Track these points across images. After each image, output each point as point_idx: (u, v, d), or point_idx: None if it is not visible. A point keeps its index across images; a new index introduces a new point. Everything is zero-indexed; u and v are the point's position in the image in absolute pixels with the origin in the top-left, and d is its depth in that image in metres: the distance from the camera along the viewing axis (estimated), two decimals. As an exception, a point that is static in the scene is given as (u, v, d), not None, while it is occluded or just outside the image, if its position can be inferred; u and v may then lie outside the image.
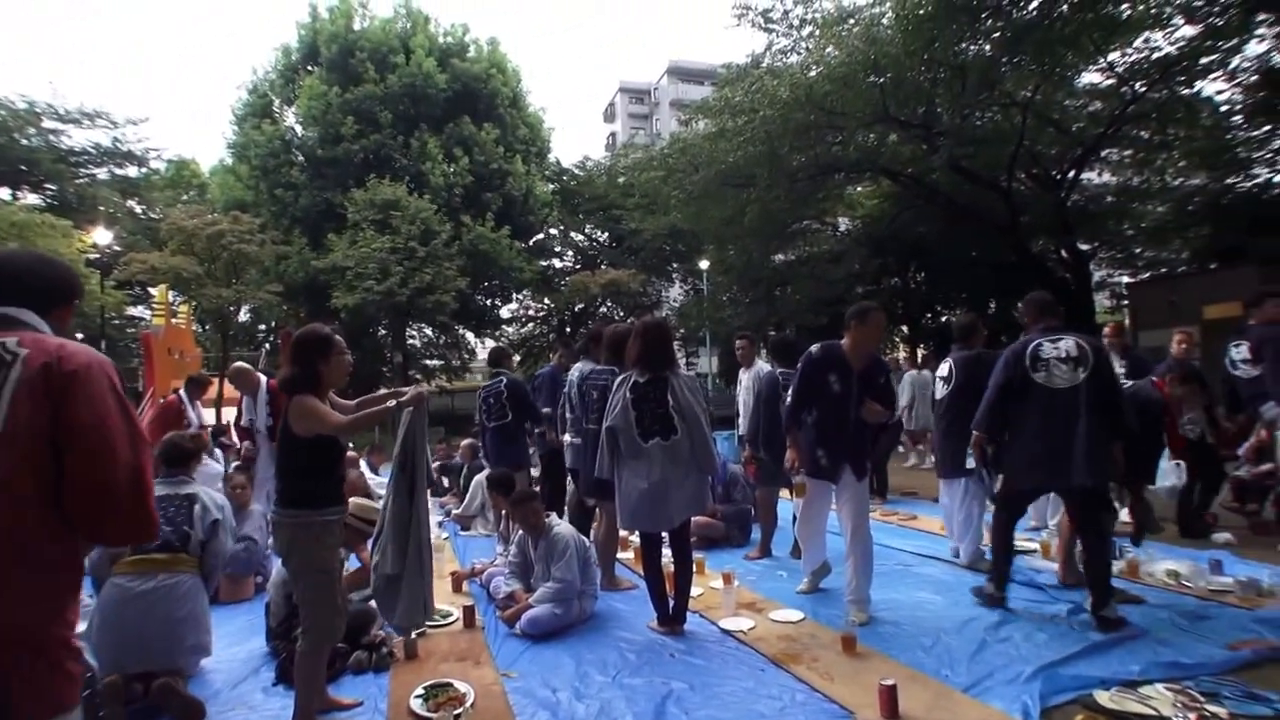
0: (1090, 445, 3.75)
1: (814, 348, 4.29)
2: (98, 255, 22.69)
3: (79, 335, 20.81)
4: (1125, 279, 21.58)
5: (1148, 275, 19.15)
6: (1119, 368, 5.83)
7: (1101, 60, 14.09)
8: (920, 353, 18.83)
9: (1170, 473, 5.31)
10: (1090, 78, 15.56)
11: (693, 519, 4.47)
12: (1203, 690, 2.98)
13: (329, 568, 3.00)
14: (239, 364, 5.76)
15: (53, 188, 26.51)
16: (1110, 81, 14.91)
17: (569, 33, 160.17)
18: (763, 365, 6.78)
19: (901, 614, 4.23)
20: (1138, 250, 19.27)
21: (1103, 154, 16.96)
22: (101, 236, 21.95)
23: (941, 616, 4.15)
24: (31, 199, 25.86)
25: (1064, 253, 17.49)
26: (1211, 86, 14.58)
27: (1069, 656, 3.42)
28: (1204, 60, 13.18)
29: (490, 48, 29.35)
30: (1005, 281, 20.30)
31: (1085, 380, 3.82)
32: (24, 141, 24.94)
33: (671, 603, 4.10)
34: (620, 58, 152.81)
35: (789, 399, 4.41)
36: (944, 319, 24.39)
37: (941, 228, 18.86)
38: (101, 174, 28.36)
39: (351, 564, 4.42)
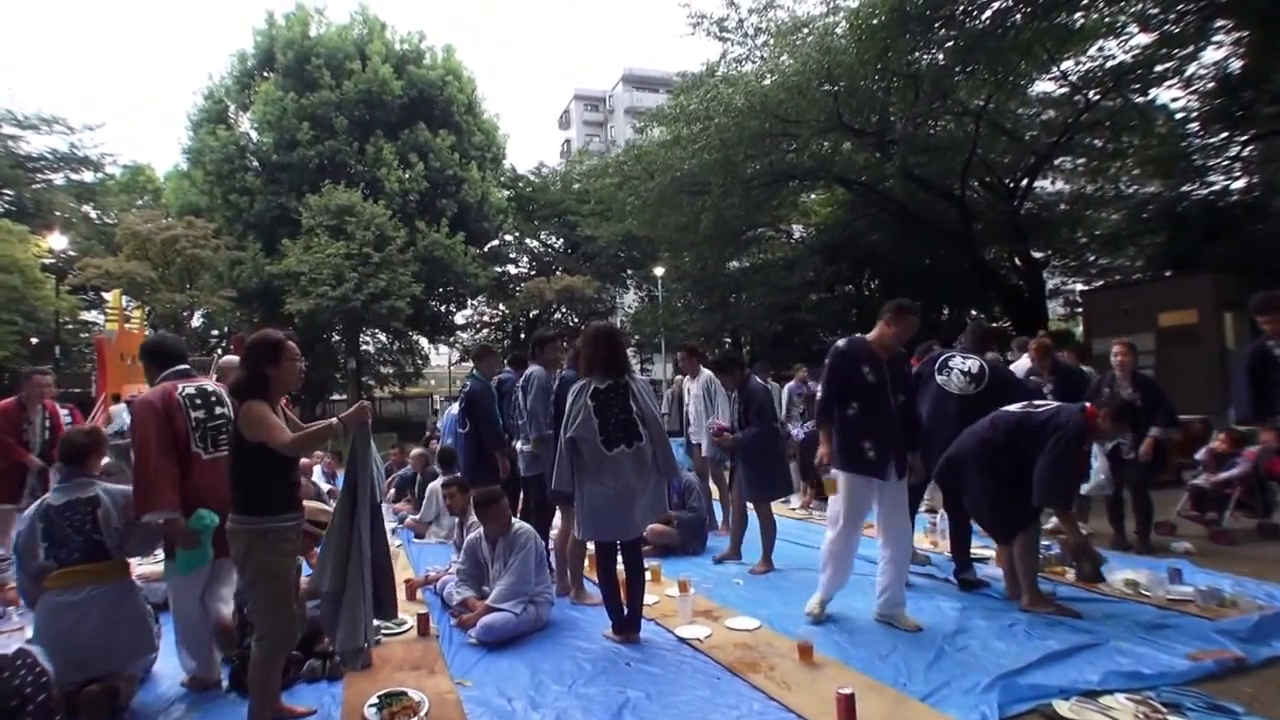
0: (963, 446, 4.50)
1: (840, 343, 4.23)
2: (53, 260, 22.49)
3: (33, 340, 20.34)
4: (1079, 286, 22.01)
5: (1101, 283, 19.59)
6: (1047, 387, 5.93)
7: (1055, 69, 14.30)
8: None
9: (1100, 472, 5.34)
10: (1043, 86, 15.81)
11: (648, 527, 4.44)
12: (1165, 701, 2.97)
13: (284, 574, 2.94)
14: (228, 358, 5.44)
15: (10, 193, 26.55)
16: (1063, 90, 15.15)
17: (524, 40, 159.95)
18: (708, 374, 6.82)
19: (859, 623, 4.21)
20: (1091, 258, 19.61)
21: (1056, 162, 17.21)
22: (57, 241, 21.96)
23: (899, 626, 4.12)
24: None
25: (1017, 260, 17.81)
26: (1167, 94, 14.75)
27: (1027, 666, 3.40)
28: (1159, 68, 13.28)
29: (446, 55, 29.33)
30: (958, 288, 20.67)
31: (975, 394, 4.81)
32: None
33: (625, 610, 4.04)
34: (575, 65, 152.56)
35: (821, 393, 4.27)
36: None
37: (895, 235, 19.10)
38: (58, 179, 28.37)
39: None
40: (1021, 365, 6.75)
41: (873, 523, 4.41)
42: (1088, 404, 4.24)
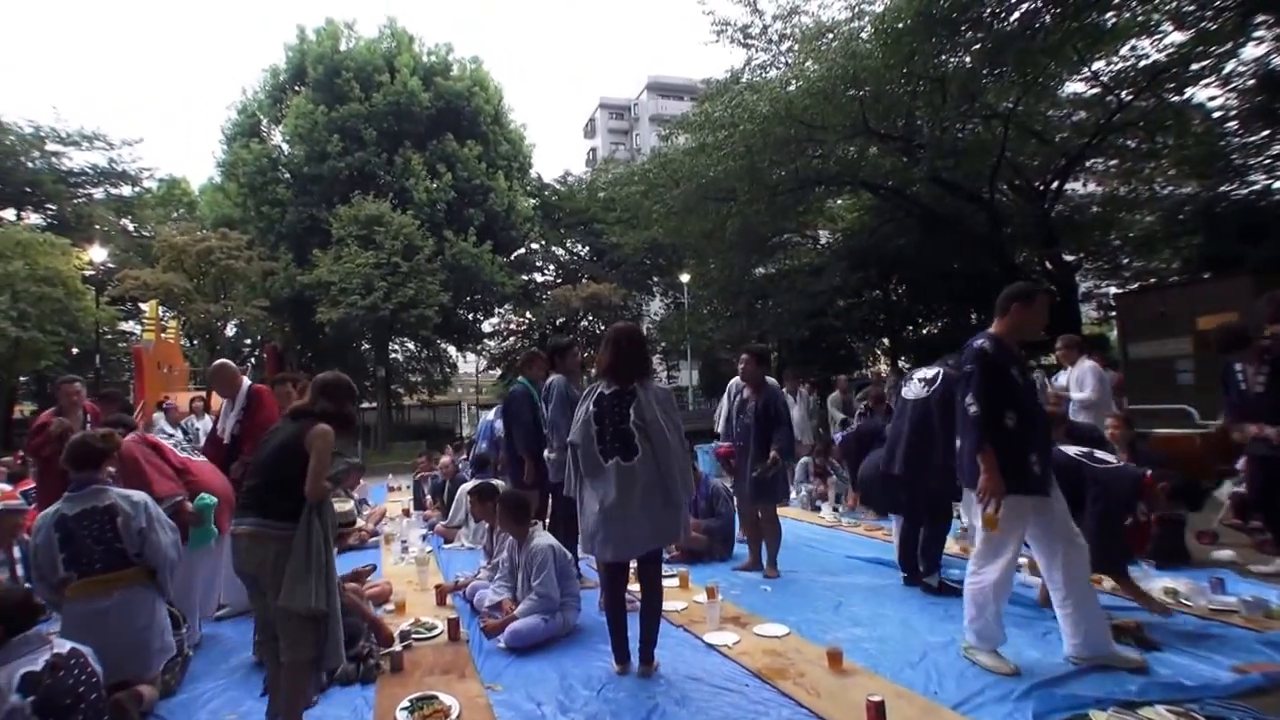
0: (906, 446, 4.68)
1: (982, 343, 3.50)
2: (93, 272, 23.18)
3: (74, 350, 20.88)
4: (1113, 289, 21.65)
5: (1136, 285, 19.24)
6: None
7: (1086, 69, 14.08)
8: (902, 364, 18.84)
9: None
10: (1074, 87, 15.58)
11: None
12: (1208, 714, 2.86)
13: None
14: (221, 360, 5.49)
15: (53, 208, 27.56)
16: (1095, 90, 14.92)
17: (550, 50, 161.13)
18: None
19: (888, 630, 4.17)
20: (1125, 260, 19.29)
21: (1088, 163, 16.97)
22: (97, 254, 22.90)
23: (929, 632, 4.08)
24: (33, 219, 26.91)
25: (1048, 263, 17.56)
26: (1203, 92, 14.43)
27: (1063, 675, 3.33)
28: (1195, 66, 12.97)
29: (473, 66, 29.66)
30: (987, 293, 20.33)
31: (928, 396, 4.66)
32: (28, 164, 26.25)
33: (638, 641, 3.70)
34: (601, 74, 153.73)
35: (974, 409, 3.39)
36: (925, 331, 24.50)
37: (922, 240, 18.93)
38: (98, 193, 29.37)
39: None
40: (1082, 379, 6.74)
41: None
42: (1149, 472, 4.04)
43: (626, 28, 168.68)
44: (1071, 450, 4.21)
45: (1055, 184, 16.47)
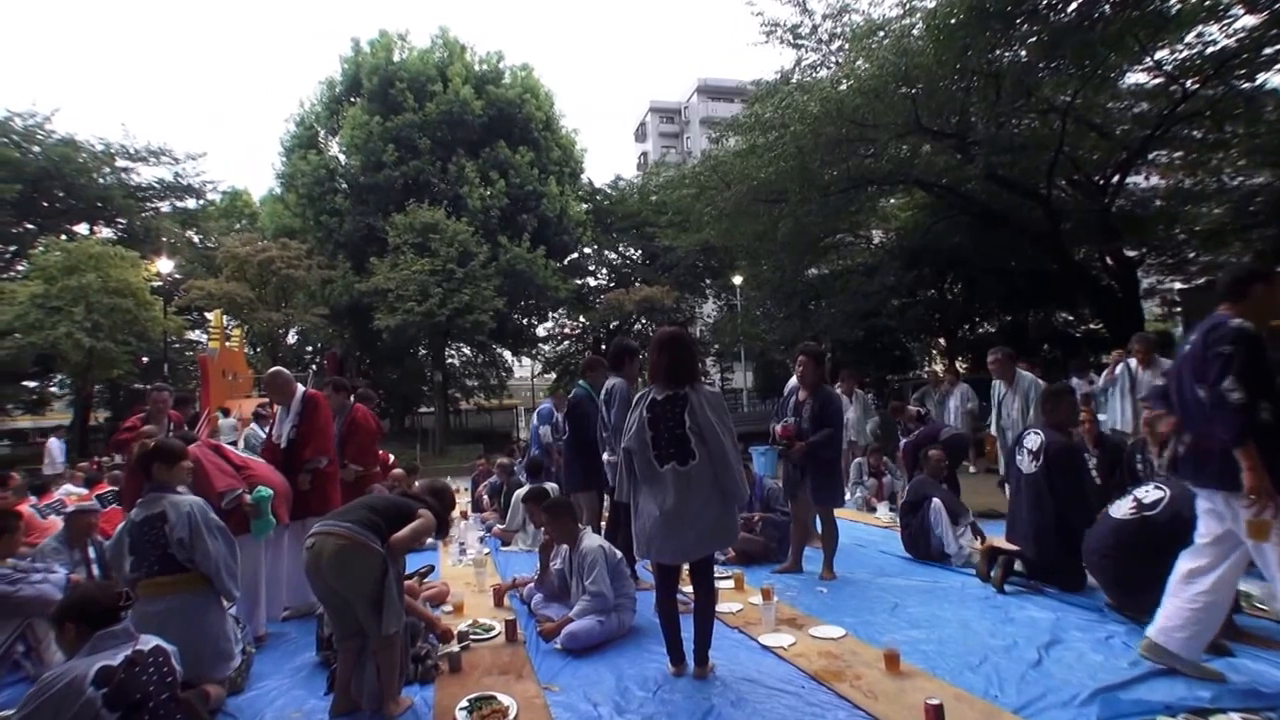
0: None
1: (1240, 323, 3.05)
2: (161, 283, 23.95)
3: (144, 359, 21.78)
4: (1177, 285, 20.90)
5: (1203, 280, 18.48)
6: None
7: (1148, 59, 13.51)
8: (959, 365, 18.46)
9: None
10: (1135, 78, 15.01)
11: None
12: (1286, 723, 2.75)
13: (400, 579, 3.49)
14: (275, 368, 5.65)
15: (123, 221, 28.61)
16: (1158, 81, 14.30)
17: (600, 55, 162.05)
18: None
19: (946, 632, 4.12)
20: (1191, 255, 18.58)
21: (1150, 156, 16.39)
22: (164, 265, 23.70)
23: (989, 635, 4.03)
24: (105, 232, 27.93)
25: (1109, 259, 17.04)
26: (1277, 78, 13.49)
27: (1129, 680, 3.25)
28: (1268, 50, 12.26)
29: (524, 73, 29.96)
30: (1045, 291, 19.93)
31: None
32: (100, 180, 27.15)
33: (693, 644, 3.69)
34: (650, 78, 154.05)
35: (1236, 396, 2.91)
36: (981, 330, 23.98)
37: (978, 237, 18.54)
38: (164, 207, 30.36)
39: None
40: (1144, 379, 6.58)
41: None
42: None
43: (675, 31, 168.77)
44: (1126, 514, 4.12)
45: (1116, 178, 15.97)
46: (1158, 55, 13.40)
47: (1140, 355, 7.29)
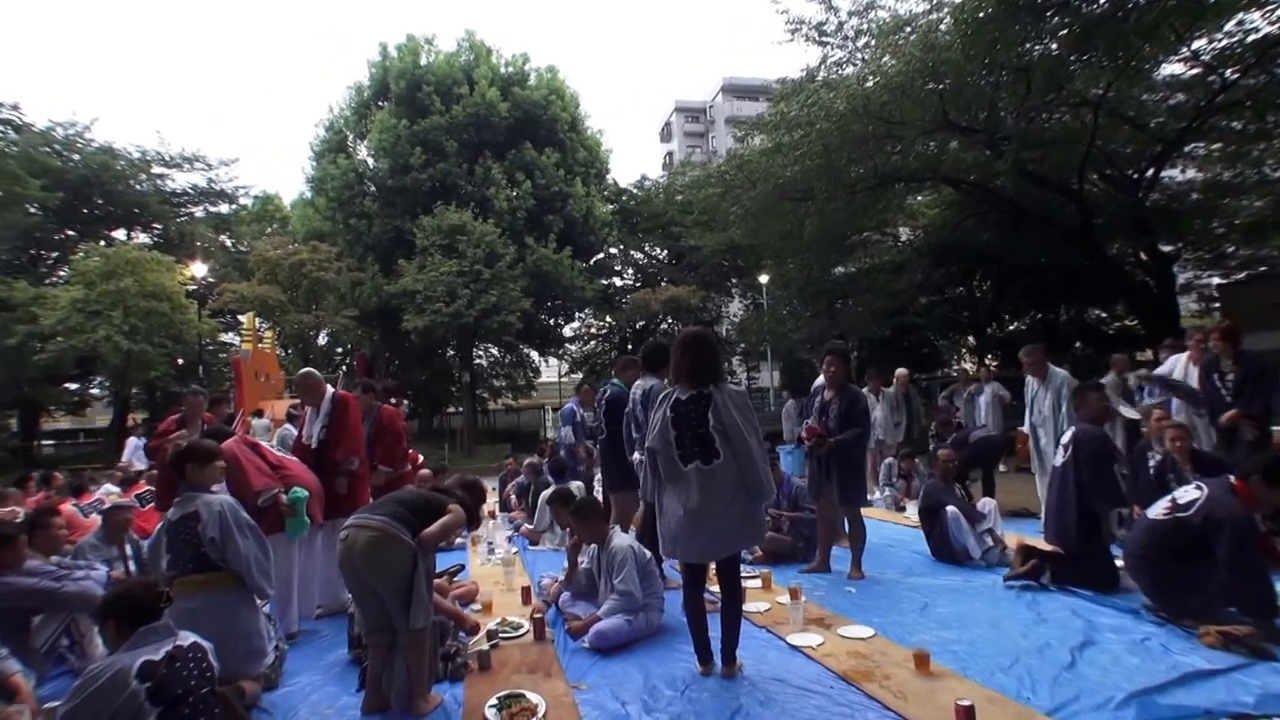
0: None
1: None
2: (195, 287, 24.45)
3: (179, 361, 22.42)
4: (1216, 280, 20.47)
5: (1243, 275, 18.06)
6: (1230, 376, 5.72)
7: (1185, 49, 13.25)
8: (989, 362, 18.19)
9: None
10: (1171, 69, 14.71)
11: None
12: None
13: (431, 574, 3.60)
14: (305, 369, 5.73)
15: (158, 227, 29.38)
16: (1195, 71, 14.04)
17: (624, 56, 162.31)
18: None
19: (977, 632, 4.07)
20: (1230, 249, 18.19)
21: (1186, 149, 16.03)
22: (198, 269, 24.25)
23: (1020, 636, 3.97)
24: (141, 238, 28.63)
25: (1144, 255, 16.72)
26: None
27: (1167, 684, 3.18)
28: None
29: (549, 75, 30.04)
30: (1077, 287, 19.63)
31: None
32: (136, 187, 27.98)
33: (720, 642, 3.70)
34: (675, 77, 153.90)
35: None
36: (1012, 327, 23.66)
37: (1007, 234, 18.30)
38: (198, 212, 31.12)
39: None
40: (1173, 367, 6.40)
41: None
42: (1233, 479, 3.81)
43: (700, 30, 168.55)
44: (1160, 515, 4.07)
45: (1150, 171, 15.68)
46: (1195, 45, 13.11)
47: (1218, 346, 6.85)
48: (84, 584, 4.02)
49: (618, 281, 34.12)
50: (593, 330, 34.31)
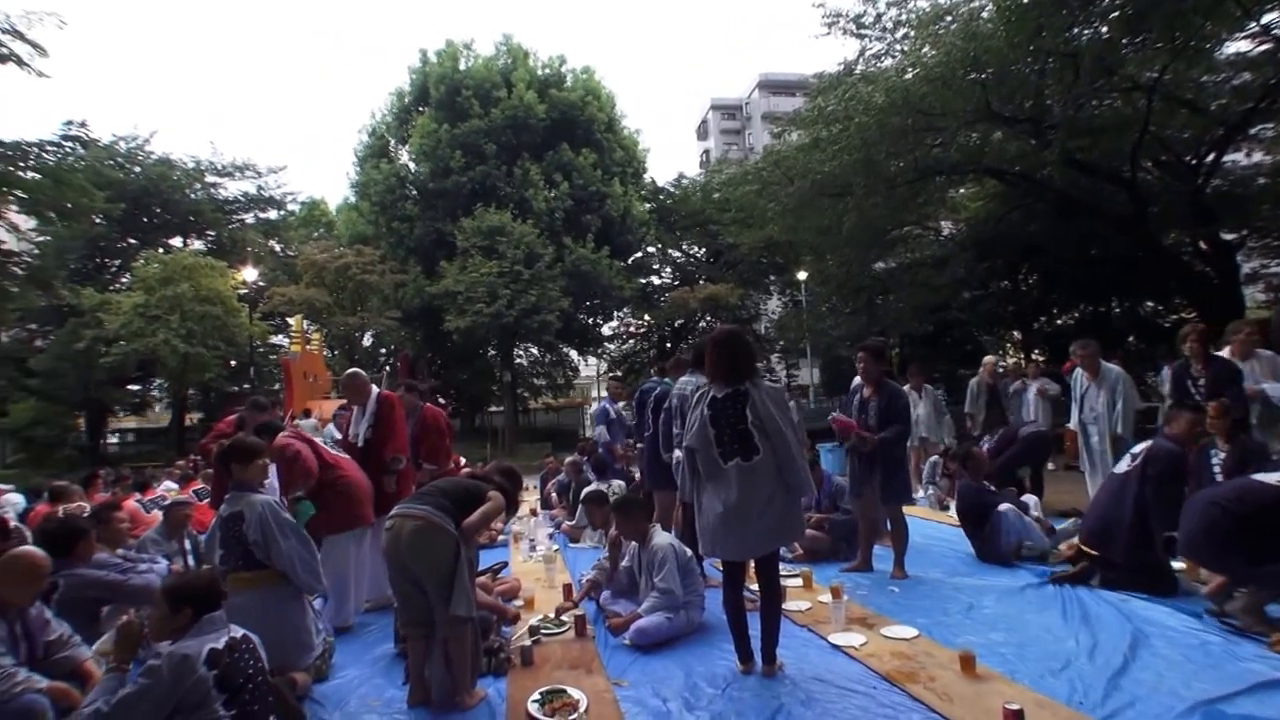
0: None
1: None
2: (246, 291, 25.21)
3: (232, 362, 23.30)
4: (1285, 268, 19.63)
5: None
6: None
7: (1253, 24, 12.48)
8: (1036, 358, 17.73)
9: None
10: (1236, 46, 13.91)
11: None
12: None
13: (474, 564, 3.74)
14: (351, 370, 5.83)
15: (212, 233, 30.54)
16: (1265, 47, 13.25)
17: (660, 54, 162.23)
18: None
19: (1025, 634, 3.97)
20: (1301, 235, 17.40)
21: (1252, 131, 15.27)
22: (249, 274, 25.03)
23: (1071, 638, 3.86)
24: (196, 244, 29.81)
25: (1203, 244, 16.08)
26: None
27: (1234, 693, 3.03)
28: None
29: (585, 76, 30.24)
30: (1130, 279, 18.96)
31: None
32: (191, 195, 29.16)
33: (760, 641, 3.68)
34: (711, 75, 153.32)
35: None
36: (1060, 322, 23.04)
37: (1055, 225, 17.72)
38: (249, 218, 32.33)
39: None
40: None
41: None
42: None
43: (736, 27, 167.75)
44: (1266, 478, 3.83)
45: (1210, 156, 14.99)
46: (1265, 19, 12.43)
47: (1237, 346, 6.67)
48: (148, 577, 4.25)
49: (656, 280, 34.13)
50: (631, 329, 34.41)
